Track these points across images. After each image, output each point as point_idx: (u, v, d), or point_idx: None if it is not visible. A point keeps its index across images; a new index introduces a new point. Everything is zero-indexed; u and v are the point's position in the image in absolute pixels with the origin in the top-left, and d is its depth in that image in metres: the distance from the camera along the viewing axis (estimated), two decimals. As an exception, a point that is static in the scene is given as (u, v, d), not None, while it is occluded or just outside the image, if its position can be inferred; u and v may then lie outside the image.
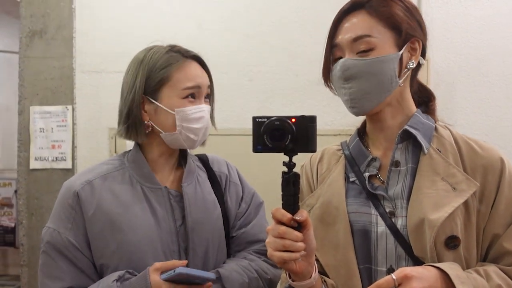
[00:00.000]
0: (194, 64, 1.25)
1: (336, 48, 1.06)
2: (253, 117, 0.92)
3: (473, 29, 2.45)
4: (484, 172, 1.00)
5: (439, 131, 1.08)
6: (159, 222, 1.20)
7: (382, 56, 1.00)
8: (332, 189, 1.10)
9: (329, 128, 2.48)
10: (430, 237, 0.94)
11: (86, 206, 1.18)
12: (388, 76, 1.01)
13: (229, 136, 2.48)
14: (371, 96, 1.02)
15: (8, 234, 3.95)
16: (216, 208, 1.30)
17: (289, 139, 0.89)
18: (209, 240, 1.25)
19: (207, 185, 1.33)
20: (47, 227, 1.21)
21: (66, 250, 1.16)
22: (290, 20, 2.53)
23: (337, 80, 1.06)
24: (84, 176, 1.24)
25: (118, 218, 1.17)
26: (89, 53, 2.64)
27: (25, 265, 2.65)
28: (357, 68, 1.01)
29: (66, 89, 2.66)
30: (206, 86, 1.26)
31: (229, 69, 2.56)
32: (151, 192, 1.23)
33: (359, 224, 1.05)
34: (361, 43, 1.01)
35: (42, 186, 2.67)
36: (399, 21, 1.02)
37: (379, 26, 1.02)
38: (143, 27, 2.57)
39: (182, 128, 1.20)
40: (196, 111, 1.21)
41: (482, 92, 2.44)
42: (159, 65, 1.21)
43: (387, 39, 1.02)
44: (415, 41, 1.05)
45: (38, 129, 2.67)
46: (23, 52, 2.67)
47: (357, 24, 1.03)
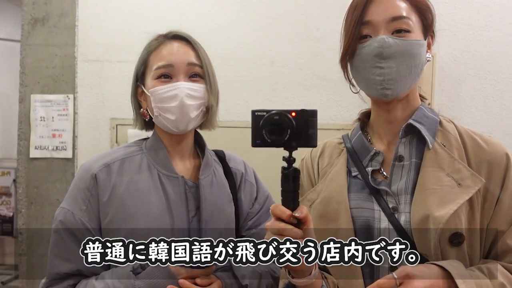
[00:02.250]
0: (172, 43, 1.22)
1: (366, 26, 1.02)
2: (252, 110, 0.89)
3: (480, 26, 2.42)
4: (489, 168, 0.98)
5: (444, 125, 1.06)
6: (172, 210, 1.18)
7: (419, 39, 1.00)
8: (334, 184, 1.08)
9: (333, 122, 2.46)
10: (434, 234, 0.93)
11: (102, 189, 1.17)
12: (422, 61, 1.02)
13: (232, 129, 2.48)
14: (406, 79, 1.00)
15: (6, 224, 3.95)
16: (230, 204, 1.29)
17: (288, 134, 0.87)
18: (222, 234, 1.23)
19: (223, 179, 1.31)
20: (61, 207, 1.19)
21: (78, 231, 1.15)
22: (296, 13, 2.51)
23: (370, 59, 1.00)
24: (103, 159, 1.22)
25: (132, 204, 1.16)
26: (91, 42, 2.63)
27: (24, 254, 2.65)
28: (399, 47, 0.98)
29: (67, 78, 2.64)
30: (184, 64, 1.19)
31: (233, 62, 2.54)
32: (168, 180, 1.21)
33: (361, 219, 1.03)
34: (401, 23, 0.99)
35: (42, 175, 2.66)
36: (426, 11, 1.03)
37: (412, 10, 1.02)
38: (147, 17, 2.55)
39: (159, 109, 1.19)
40: (168, 89, 1.18)
41: (487, 90, 2.42)
42: (143, 51, 1.24)
43: (418, 25, 1.02)
44: (430, 37, 1.06)
45: (38, 117, 2.66)
46: (25, 39, 2.65)
47: (395, 4, 1.01)
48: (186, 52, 1.21)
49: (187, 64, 1.20)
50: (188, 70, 1.20)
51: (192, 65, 1.21)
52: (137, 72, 1.25)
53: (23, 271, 2.66)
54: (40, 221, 2.64)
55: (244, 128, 2.47)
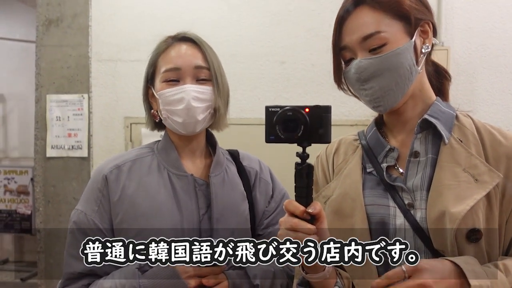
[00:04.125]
0: (180, 46, 1.23)
1: (345, 50, 1.02)
2: (266, 106, 0.89)
3: (495, 18, 2.39)
4: (508, 163, 0.96)
5: (460, 119, 1.04)
6: (182, 209, 1.19)
7: (396, 49, 0.96)
8: (349, 180, 1.08)
9: (346, 118, 2.45)
10: (451, 230, 0.92)
11: (113, 190, 1.19)
12: (407, 67, 0.98)
13: (245, 126, 2.48)
14: (394, 91, 0.99)
15: (25, 221, 4.02)
16: (244, 202, 1.28)
17: (302, 130, 0.87)
18: (235, 232, 1.23)
19: (236, 178, 1.31)
20: (76, 209, 1.22)
21: (90, 232, 1.16)
22: (308, 8, 2.50)
23: (354, 83, 1.02)
24: (114, 160, 1.25)
25: (142, 204, 1.18)
26: (105, 42, 2.65)
27: (42, 252, 2.69)
28: (374, 67, 0.97)
29: (82, 78, 2.67)
30: (191, 67, 1.20)
31: (245, 59, 2.54)
32: (177, 179, 1.22)
33: (376, 216, 1.02)
34: (373, 40, 0.97)
35: (58, 174, 2.70)
36: (406, 9, 0.97)
37: (386, 18, 0.97)
38: (159, 16, 2.56)
39: (167, 112, 1.20)
40: (175, 92, 1.18)
41: (503, 84, 2.39)
42: (152, 53, 1.25)
43: (397, 30, 0.97)
44: (425, 24, 1.01)
45: (54, 117, 2.69)
46: (40, 40, 2.69)
47: (363, 22, 0.98)
48: (194, 54, 1.22)
49: (194, 67, 1.20)
50: (196, 73, 1.20)
51: (200, 68, 1.21)
52: (147, 74, 1.27)
53: (41, 269, 2.71)
54: (57, 219, 2.68)
55: (257, 125, 2.47)
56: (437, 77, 1.11)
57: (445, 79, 1.12)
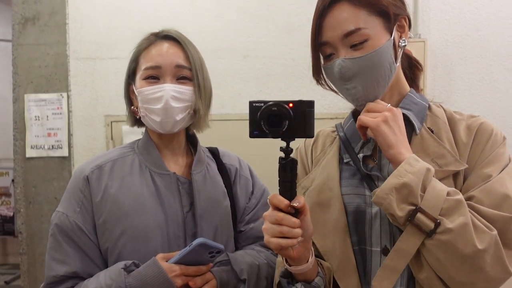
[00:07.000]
0: (162, 44, 1.22)
1: (325, 46, 1.03)
2: (250, 101, 0.90)
3: (470, 10, 2.43)
4: (474, 143, 1.00)
5: (433, 110, 1.07)
6: (165, 207, 1.19)
7: (378, 48, 0.97)
8: (327, 171, 1.10)
9: (326, 111, 2.47)
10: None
11: (94, 190, 1.18)
12: (387, 65, 1.00)
13: (226, 122, 2.48)
14: (376, 89, 1.01)
15: (7, 223, 3.97)
16: (225, 199, 1.29)
17: (286, 124, 0.88)
18: (218, 229, 1.24)
19: (217, 175, 1.31)
20: (57, 211, 1.20)
21: (73, 233, 1.16)
22: (287, 3, 2.51)
23: (337, 80, 1.03)
24: (95, 161, 1.24)
25: (125, 203, 1.17)
26: (83, 40, 2.62)
27: (24, 254, 2.66)
28: (357, 67, 0.98)
29: (60, 77, 2.63)
30: (172, 66, 1.19)
31: (225, 55, 2.54)
32: (160, 177, 1.22)
33: (353, 205, 1.04)
34: (354, 37, 0.97)
35: (39, 175, 2.66)
36: (385, 5, 0.98)
37: (365, 15, 0.98)
38: (137, 12, 2.53)
39: (146, 110, 1.20)
40: (154, 91, 1.17)
41: (480, 73, 2.43)
42: (134, 50, 1.25)
43: (377, 26, 0.98)
44: (401, 18, 1.03)
45: (33, 117, 2.65)
46: (16, 39, 2.64)
47: (343, 18, 0.98)
48: (175, 53, 1.20)
49: (175, 66, 1.19)
50: (176, 72, 1.20)
51: (180, 67, 1.20)
52: (128, 69, 1.26)
53: (24, 270, 2.67)
54: (39, 220, 2.65)
55: (238, 120, 2.47)
56: (410, 68, 1.13)
57: (417, 70, 1.15)
